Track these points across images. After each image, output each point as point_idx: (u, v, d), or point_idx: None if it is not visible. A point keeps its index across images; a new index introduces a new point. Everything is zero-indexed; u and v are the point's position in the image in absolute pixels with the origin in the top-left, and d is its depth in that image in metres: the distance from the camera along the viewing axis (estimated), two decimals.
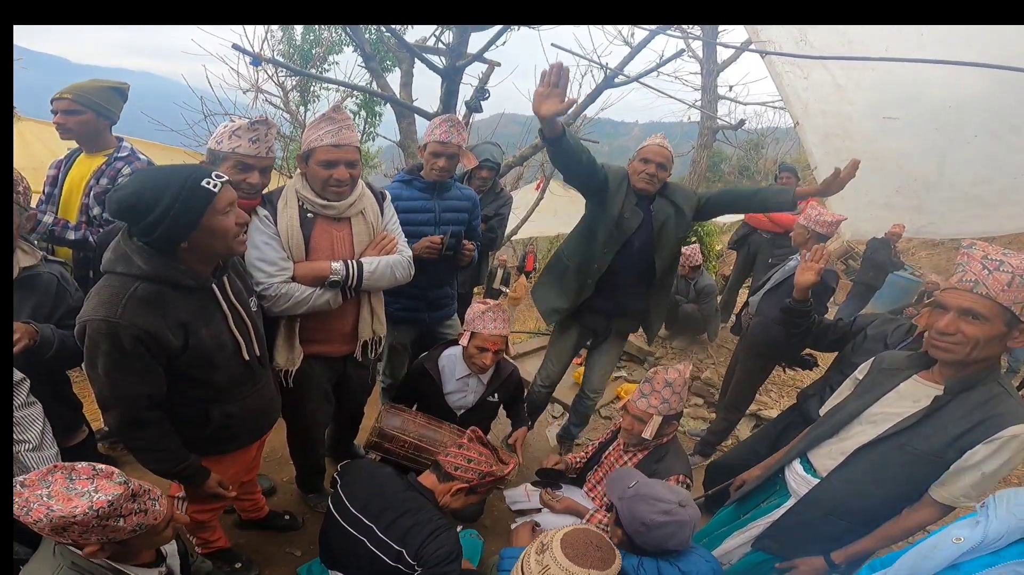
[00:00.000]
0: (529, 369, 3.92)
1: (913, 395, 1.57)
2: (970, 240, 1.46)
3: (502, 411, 2.86)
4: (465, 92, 3.81)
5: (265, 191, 2.05)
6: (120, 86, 2.49)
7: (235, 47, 2.66)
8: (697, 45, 6.08)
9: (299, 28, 7.82)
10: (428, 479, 1.91)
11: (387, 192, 2.32)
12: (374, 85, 3.95)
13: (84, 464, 1.19)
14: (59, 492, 1.13)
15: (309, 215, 2.04)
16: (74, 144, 2.55)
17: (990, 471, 1.42)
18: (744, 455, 2.63)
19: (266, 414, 1.91)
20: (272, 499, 2.77)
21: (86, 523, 1.13)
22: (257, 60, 2.76)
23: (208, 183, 1.43)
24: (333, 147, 1.93)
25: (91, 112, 2.40)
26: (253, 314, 1.76)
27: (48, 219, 2.35)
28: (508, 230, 5.43)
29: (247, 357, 1.69)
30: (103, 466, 1.21)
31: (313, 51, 7.67)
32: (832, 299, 3.46)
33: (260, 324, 1.81)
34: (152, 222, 1.37)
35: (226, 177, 1.50)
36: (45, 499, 1.12)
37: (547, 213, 7.33)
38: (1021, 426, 1.38)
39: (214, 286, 1.58)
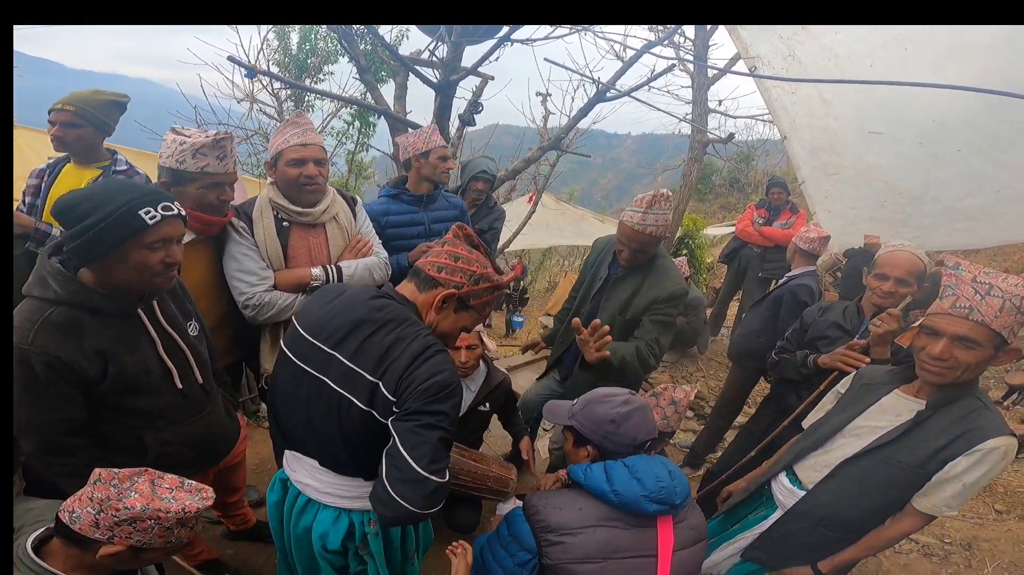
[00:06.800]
0: (521, 382, 3.92)
1: (895, 409, 1.61)
2: (955, 259, 1.50)
3: (496, 424, 2.86)
4: (459, 105, 3.85)
5: (239, 203, 2.09)
6: (120, 99, 2.47)
7: (231, 59, 2.68)
8: (687, 56, 6.16)
9: (295, 38, 7.87)
10: (406, 288, 1.46)
11: (358, 198, 2.38)
12: (368, 97, 3.98)
13: (172, 476, 1.26)
14: (146, 491, 1.18)
15: (285, 224, 2.09)
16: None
17: (971, 482, 1.47)
18: (734, 457, 2.64)
19: (212, 444, 1.80)
20: (261, 510, 2.75)
21: (166, 521, 1.17)
22: (252, 72, 2.77)
23: (147, 213, 1.33)
24: (301, 146, 2.01)
25: (91, 127, 2.37)
26: (192, 340, 1.66)
27: (56, 232, 2.31)
28: (500, 243, 5.45)
29: (180, 385, 1.58)
30: (192, 482, 1.26)
31: (309, 61, 7.72)
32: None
33: (203, 350, 1.71)
34: (76, 232, 1.30)
35: (176, 211, 1.40)
36: (139, 494, 1.17)
37: (539, 226, 7.38)
38: (1000, 439, 1.43)
39: (140, 311, 1.48)
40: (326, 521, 1.46)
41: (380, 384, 1.26)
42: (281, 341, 1.48)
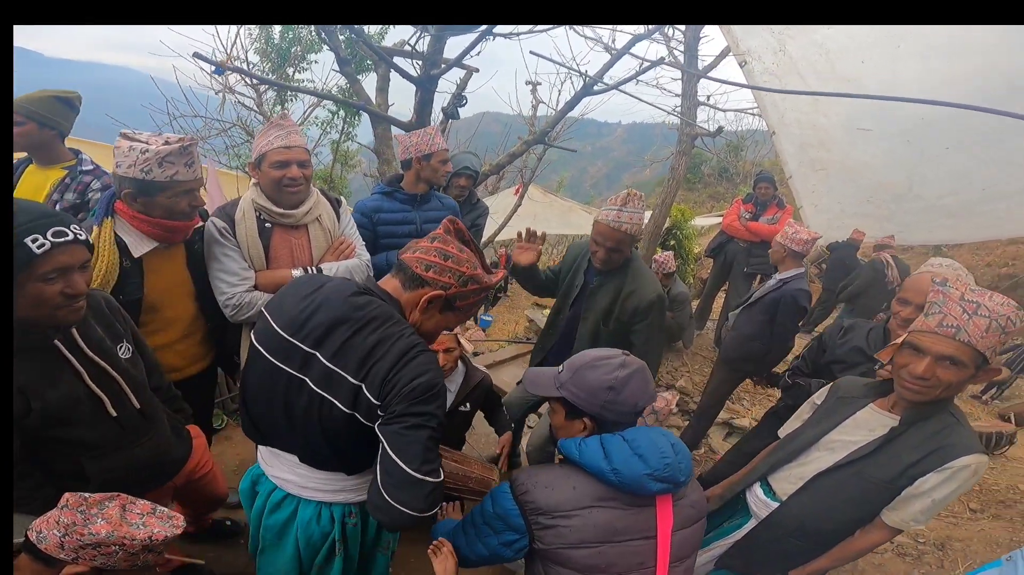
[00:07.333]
0: (505, 378, 3.91)
1: (869, 424, 1.61)
2: (942, 276, 1.48)
3: (479, 424, 2.84)
4: (443, 98, 3.78)
5: (220, 204, 2.05)
6: (68, 96, 2.38)
7: (196, 56, 2.59)
8: (678, 52, 6.10)
9: (277, 27, 7.71)
10: (389, 284, 1.38)
11: (343, 199, 2.38)
12: (349, 89, 3.90)
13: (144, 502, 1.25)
14: (114, 517, 1.18)
15: (267, 225, 2.10)
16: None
17: (940, 498, 1.48)
18: (730, 469, 2.61)
19: (160, 466, 1.71)
20: (240, 512, 2.73)
21: (131, 548, 1.17)
22: (220, 69, 2.69)
23: (34, 242, 1.21)
24: (284, 148, 2.00)
25: (32, 123, 2.30)
26: (124, 364, 1.54)
27: None
28: (488, 235, 5.42)
29: (114, 413, 1.49)
30: (165, 509, 1.25)
31: (292, 50, 7.56)
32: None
33: (138, 372, 1.61)
34: None
35: (72, 236, 1.28)
36: (106, 520, 1.17)
37: (526, 217, 7.33)
38: (971, 457, 1.43)
39: (57, 343, 1.37)
40: (307, 516, 1.43)
41: (363, 387, 1.21)
42: (251, 335, 1.38)
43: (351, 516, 1.47)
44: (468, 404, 2.65)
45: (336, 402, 1.23)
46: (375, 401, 1.20)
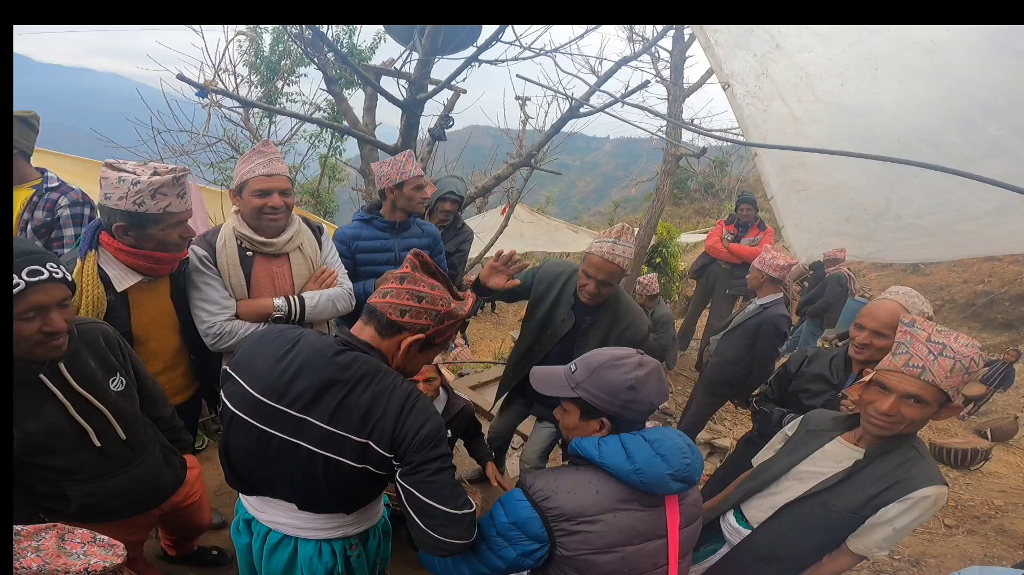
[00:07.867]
0: (488, 399, 3.89)
1: (836, 456, 1.67)
2: (911, 316, 1.54)
3: (461, 448, 2.84)
4: (430, 119, 3.79)
5: (203, 221, 2.02)
6: (25, 116, 2.33)
7: (180, 77, 2.59)
8: (665, 71, 6.19)
9: (267, 39, 7.71)
10: (365, 333, 1.35)
11: (324, 227, 2.36)
12: (335, 109, 3.90)
13: (84, 531, 1.20)
14: (51, 548, 1.14)
15: (248, 253, 2.07)
16: None
17: (900, 526, 1.54)
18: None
19: (146, 493, 1.72)
20: (223, 534, 2.70)
21: None
22: (204, 91, 2.69)
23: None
24: (266, 176, 1.98)
25: None
26: (113, 397, 1.54)
27: None
28: (475, 253, 5.41)
29: (98, 443, 1.50)
30: (105, 537, 1.21)
31: (281, 63, 7.55)
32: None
33: (128, 405, 1.61)
34: None
35: (48, 275, 1.27)
36: (39, 553, 1.12)
37: (513, 236, 7.34)
38: (930, 488, 1.49)
39: (42, 376, 1.37)
40: (308, 553, 1.43)
41: (370, 443, 1.23)
42: (223, 396, 1.37)
43: (352, 549, 1.48)
44: (449, 431, 2.65)
45: (343, 459, 1.25)
46: (387, 454, 1.24)
